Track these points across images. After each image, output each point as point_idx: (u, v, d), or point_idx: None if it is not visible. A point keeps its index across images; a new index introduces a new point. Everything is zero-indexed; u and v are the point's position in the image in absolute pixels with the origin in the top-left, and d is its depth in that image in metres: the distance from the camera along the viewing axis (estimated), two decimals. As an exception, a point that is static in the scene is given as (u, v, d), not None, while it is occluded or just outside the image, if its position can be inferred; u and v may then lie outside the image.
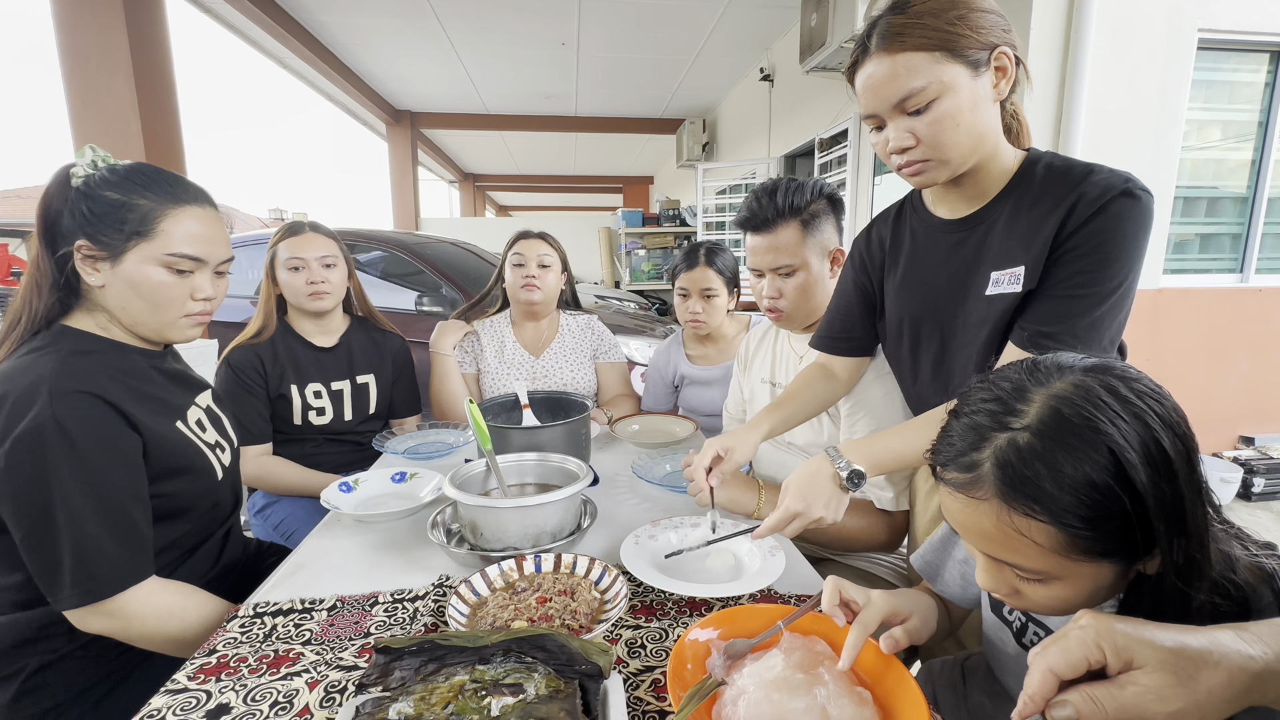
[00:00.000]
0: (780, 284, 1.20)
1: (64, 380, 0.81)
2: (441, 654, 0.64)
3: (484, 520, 0.93)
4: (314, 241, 1.55)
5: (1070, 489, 0.47)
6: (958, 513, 0.55)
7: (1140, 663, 0.39)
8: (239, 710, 0.64)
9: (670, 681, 0.61)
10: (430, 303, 3.64)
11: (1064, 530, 0.48)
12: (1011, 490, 0.49)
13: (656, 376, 1.92)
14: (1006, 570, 0.54)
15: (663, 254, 7.33)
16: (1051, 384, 0.51)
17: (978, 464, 0.52)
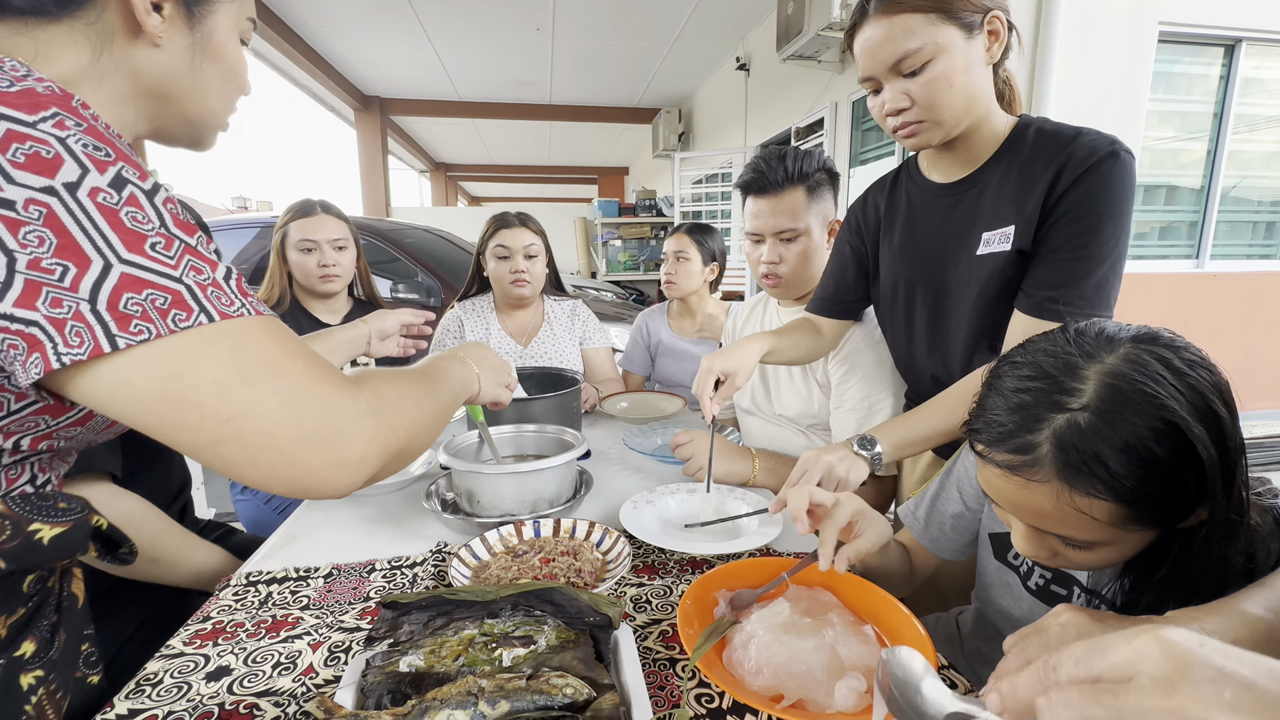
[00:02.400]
0: (781, 249, 1.21)
1: None
2: (449, 609, 0.63)
3: (481, 488, 0.92)
4: (326, 224, 1.55)
5: (1134, 466, 0.47)
6: (1009, 493, 0.54)
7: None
8: (240, 671, 0.62)
9: (681, 624, 0.62)
10: (406, 290, 3.58)
11: (1125, 506, 0.48)
12: (1074, 472, 0.49)
13: (637, 336, 1.96)
14: (1051, 539, 0.55)
15: (639, 244, 7.32)
16: (1103, 358, 0.51)
17: (1034, 445, 0.51)
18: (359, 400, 0.45)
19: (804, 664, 0.57)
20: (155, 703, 0.58)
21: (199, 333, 0.40)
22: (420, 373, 0.61)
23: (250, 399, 0.40)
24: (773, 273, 1.23)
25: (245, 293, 0.44)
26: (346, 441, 0.43)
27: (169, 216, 0.41)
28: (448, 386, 0.65)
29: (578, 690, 0.54)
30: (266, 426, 0.41)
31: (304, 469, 0.42)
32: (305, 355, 0.44)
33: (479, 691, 0.53)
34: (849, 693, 0.54)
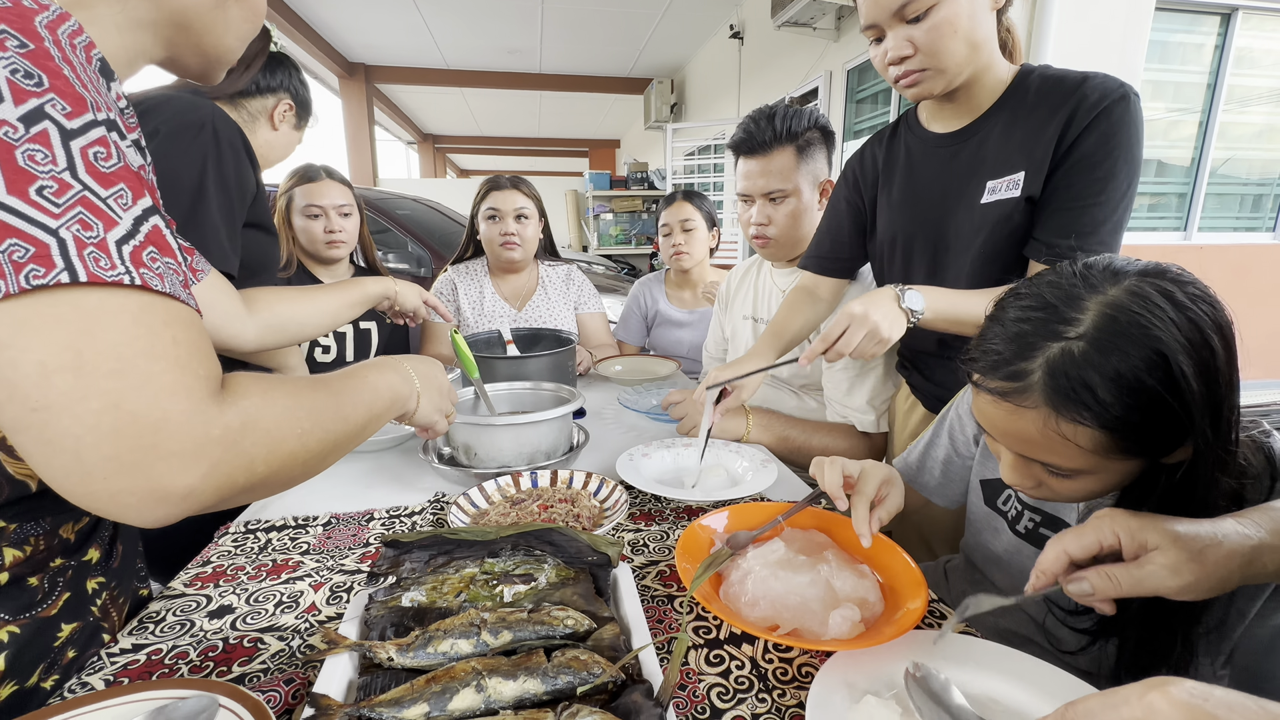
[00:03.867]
0: (770, 210, 1.20)
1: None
2: (450, 548, 0.64)
3: (478, 440, 0.93)
4: (331, 189, 1.53)
5: (1121, 395, 0.48)
6: (998, 420, 0.55)
7: (1154, 544, 0.43)
8: (242, 610, 0.63)
9: (679, 560, 0.63)
10: (396, 260, 3.54)
11: (1110, 434, 0.49)
12: (1062, 399, 0.50)
13: (634, 306, 1.95)
14: (1036, 467, 0.56)
15: (630, 218, 7.25)
16: (1106, 290, 0.51)
17: (1026, 373, 0.51)
18: (215, 424, 0.38)
19: (800, 596, 0.58)
20: (158, 638, 0.59)
21: (48, 298, 0.33)
22: (331, 389, 0.51)
23: (71, 393, 0.33)
24: (762, 234, 1.23)
25: (144, 262, 0.37)
26: (172, 471, 0.36)
27: (84, 162, 0.35)
28: (364, 406, 0.54)
29: (578, 622, 0.55)
30: (76, 429, 0.34)
31: (104, 489, 0.35)
32: (175, 359, 0.37)
33: (481, 623, 0.54)
34: (843, 621, 0.55)
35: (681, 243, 1.79)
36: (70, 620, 0.56)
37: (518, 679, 0.48)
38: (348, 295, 0.99)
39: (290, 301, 0.90)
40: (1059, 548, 0.47)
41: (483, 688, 0.47)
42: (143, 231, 0.38)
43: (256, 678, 0.54)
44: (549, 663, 0.50)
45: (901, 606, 0.58)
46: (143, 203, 0.38)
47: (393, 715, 0.46)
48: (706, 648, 0.57)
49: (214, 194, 0.91)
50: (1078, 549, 0.46)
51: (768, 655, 0.56)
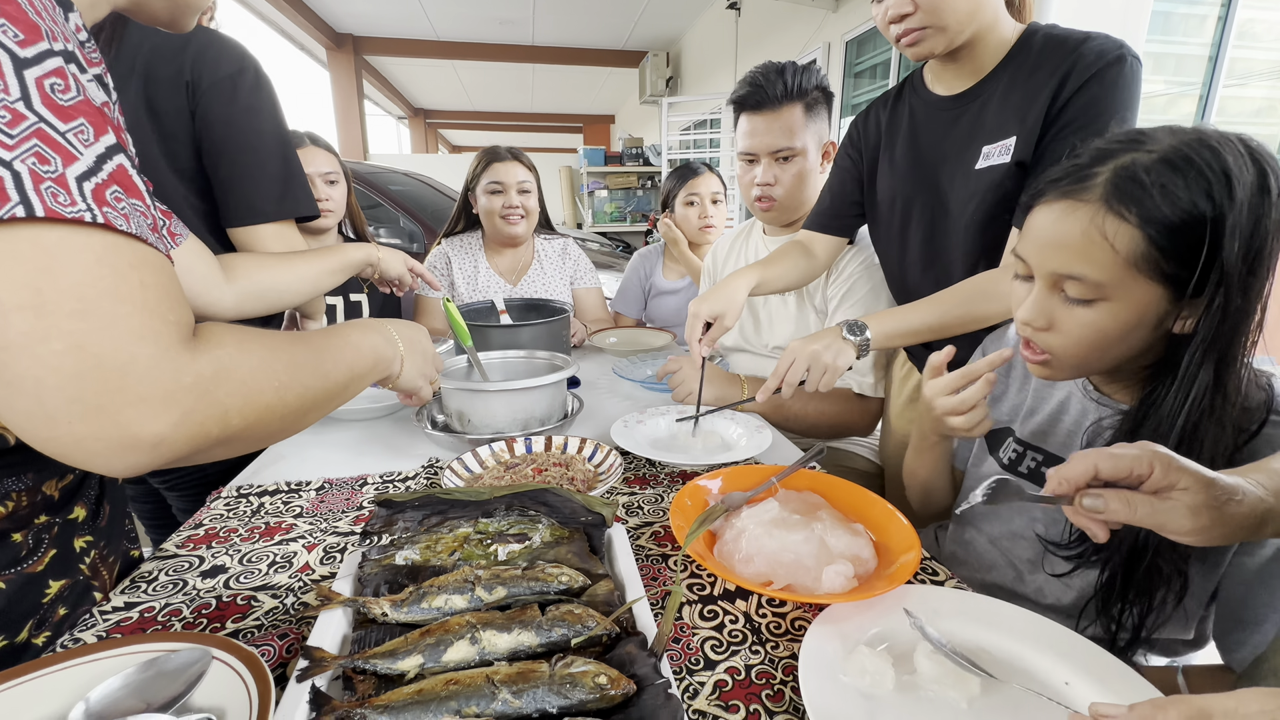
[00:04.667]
0: (777, 170, 1.18)
1: None
2: (444, 508, 0.64)
3: (472, 406, 0.92)
4: (315, 156, 1.48)
5: (1172, 201, 0.51)
6: (1047, 226, 0.58)
7: (1184, 485, 0.43)
8: (235, 570, 0.63)
9: (673, 517, 0.63)
10: (388, 235, 3.49)
11: (1147, 237, 0.52)
12: (1117, 192, 0.53)
13: (633, 277, 1.94)
14: (1056, 297, 0.59)
15: (625, 195, 7.16)
16: (1188, 134, 0.55)
17: (1094, 174, 0.55)
18: (186, 371, 0.36)
19: (794, 553, 0.58)
20: (151, 596, 0.58)
21: (4, 233, 0.32)
22: (311, 345, 0.50)
23: (33, 333, 0.32)
24: (766, 195, 1.20)
25: (108, 201, 0.35)
26: (141, 417, 0.34)
27: (40, 94, 0.33)
28: (345, 365, 0.53)
29: (573, 578, 0.55)
30: (37, 371, 0.32)
31: (69, 434, 0.33)
32: (143, 302, 0.35)
33: (476, 579, 0.54)
34: (836, 576, 0.56)
35: (711, 215, 1.78)
36: (58, 577, 0.56)
37: (512, 632, 0.48)
38: (328, 261, 0.96)
39: (270, 268, 0.87)
40: (1090, 461, 0.46)
41: (477, 640, 0.47)
42: (106, 170, 0.36)
43: (250, 633, 0.54)
44: (543, 616, 0.50)
45: (894, 563, 0.58)
46: (106, 139, 0.36)
47: (387, 667, 0.46)
48: (700, 603, 0.57)
49: (290, 141, 0.95)
50: (1109, 467, 0.45)
51: (761, 610, 0.56)
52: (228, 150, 0.90)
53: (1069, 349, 0.59)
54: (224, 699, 0.42)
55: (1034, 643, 0.49)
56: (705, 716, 0.44)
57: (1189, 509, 0.42)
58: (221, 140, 0.90)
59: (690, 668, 0.49)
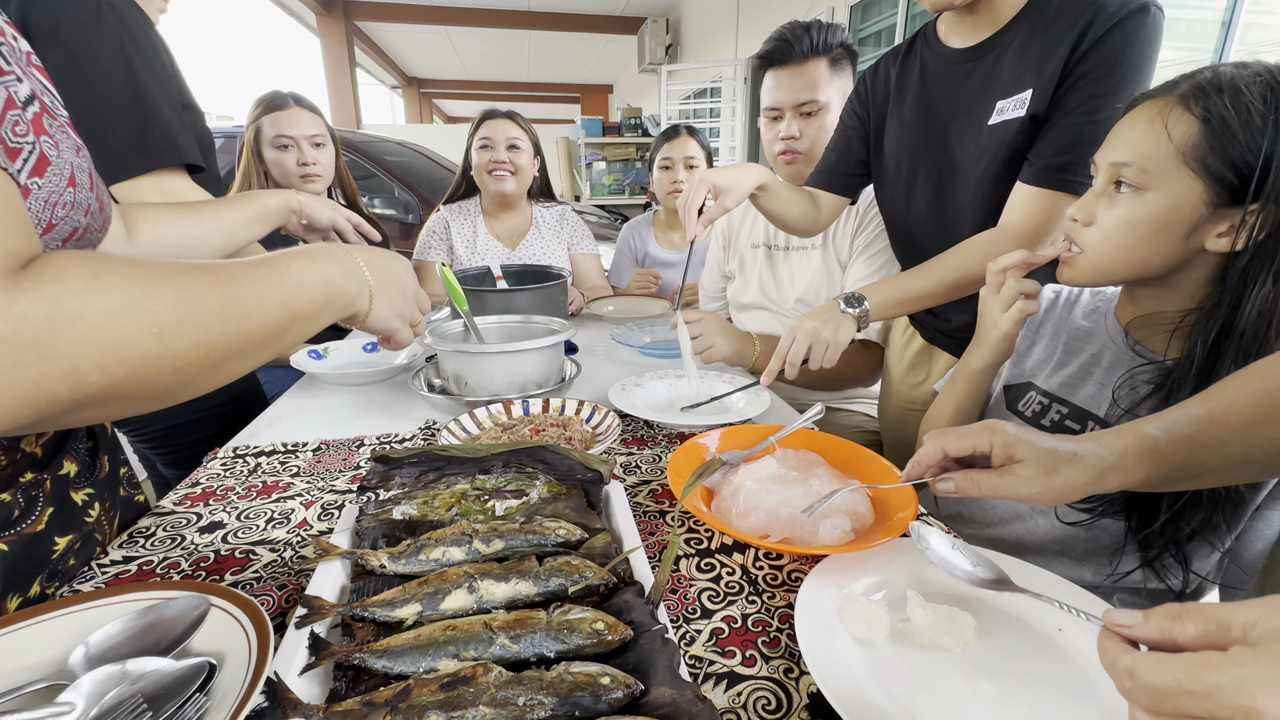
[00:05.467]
0: (801, 124, 1.19)
1: None
2: (441, 464, 0.64)
3: (468, 369, 0.92)
4: (301, 118, 1.45)
5: (1238, 104, 0.55)
6: (1123, 126, 0.62)
7: (1019, 457, 0.47)
8: (233, 526, 0.63)
9: (670, 473, 0.63)
10: (383, 205, 3.45)
11: (1202, 128, 0.56)
12: (1195, 90, 0.57)
13: (624, 249, 1.92)
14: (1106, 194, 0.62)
15: (623, 166, 7.06)
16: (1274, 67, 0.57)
17: (1187, 79, 0.59)
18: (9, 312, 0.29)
19: (791, 508, 0.58)
20: (149, 551, 0.58)
21: None
22: (223, 278, 0.40)
23: None
24: (791, 149, 1.20)
25: None
26: None
27: None
28: (279, 302, 0.43)
29: (570, 532, 0.55)
30: None
31: None
32: None
33: (473, 532, 0.54)
34: (833, 529, 0.56)
35: (683, 180, 1.74)
36: (63, 533, 0.56)
37: (509, 581, 0.48)
38: (240, 211, 0.84)
39: (172, 221, 0.77)
40: (938, 444, 0.51)
41: (475, 589, 0.48)
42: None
43: (249, 585, 0.54)
44: (540, 567, 0.50)
45: (891, 518, 0.58)
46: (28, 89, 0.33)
47: (385, 615, 0.46)
48: (697, 557, 0.57)
49: (148, 81, 0.84)
50: (955, 448, 0.50)
51: (758, 563, 0.56)
52: (73, 100, 0.84)
53: (1099, 243, 0.63)
54: (223, 645, 0.43)
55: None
56: (702, 661, 0.45)
57: (1022, 480, 0.46)
58: (65, 91, 0.84)
59: (687, 616, 0.49)
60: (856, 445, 0.71)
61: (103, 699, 0.38)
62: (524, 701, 0.38)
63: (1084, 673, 0.42)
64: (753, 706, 0.41)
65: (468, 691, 0.38)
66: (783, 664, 0.45)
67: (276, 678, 0.39)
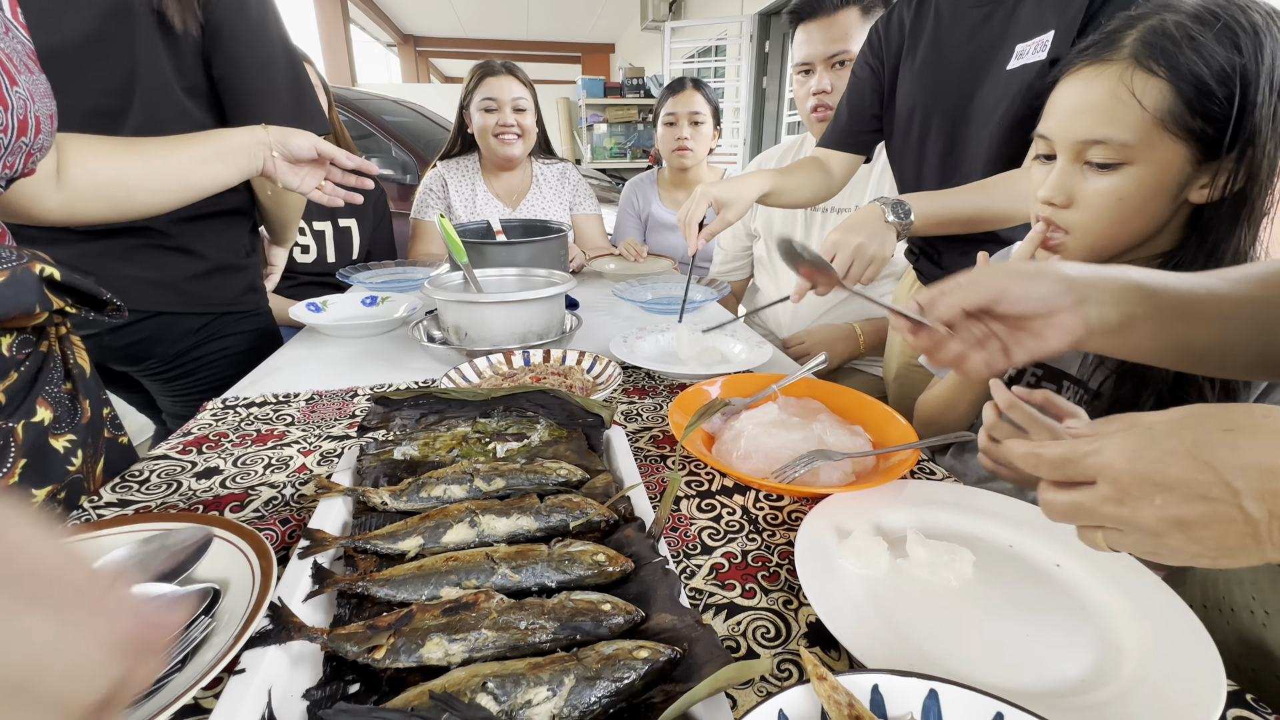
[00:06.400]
0: (833, 77, 1.16)
1: None
2: (441, 407, 0.63)
3: (468, 320, 0.91)
4: None
5: (1201, 53, 0.51)
6: (1072, 95, 0.58)
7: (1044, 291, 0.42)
8: (230, 471, 0.63)
9: (672, 415, 0.63)
10: (379, 165, 3.38)
11: (1176, 91, 0.52)
12: (1146, 49, 0.53)
13: (628, 209, 1.88)
14: (1078, 171, 0.58)
15: (625, 129, 6.90)
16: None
17: (1123, 36, 0.55)
18: None
19: (792, 451, 0.58)
20: (146, 495, 0.58)
21: None
22: None
23: None
24: (823, 103, 1.18)
25: None
26: None
27: None
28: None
29: (571, 472, 0.55)
30: None
31: None
32: None
33: (474, 471, 0.54)
34: (834, 470, 0.56)
35: (687, 137, 1.67)
36: (40, 484, 0.54)
37: (511, 516, 0.48)
38: (198, 147, 0.73)
39: (110, 155, 0.68)
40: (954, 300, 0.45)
41: (476, 523, 0.48)
42: None
43: (251, 521, 0.54)
44: (541, 504, 0.50)
45: (892, 461, 0.58)
46: None
47: (387, 547, 0.46)
48: (698, 498, 0.58)
49: (295, 49, 0.90)
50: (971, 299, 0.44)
51: (758, 504, 0.56)
52: (240, 65, 0.84)
53: (1088, 223, 0.59)
54: (227, 573, 0.43)
55: (1026, 529, 0.50)
56: (702, 594, 0.45)
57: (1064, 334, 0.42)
58: (232, 55, 0.83)
59: (687, 552, 0.50)
60: (858, 392, 0.70)
61: (107, 621, 0.38)
62: (525, 625, 0.38)
63: (1081, 604, 0.43)
64: (752, 635, 0.42)
65: (469, 616, 0.38)
66: (782, 596, 0.45)
67: (280, 602, 0.39)
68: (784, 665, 0.39)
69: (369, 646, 0.37)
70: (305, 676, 0.37)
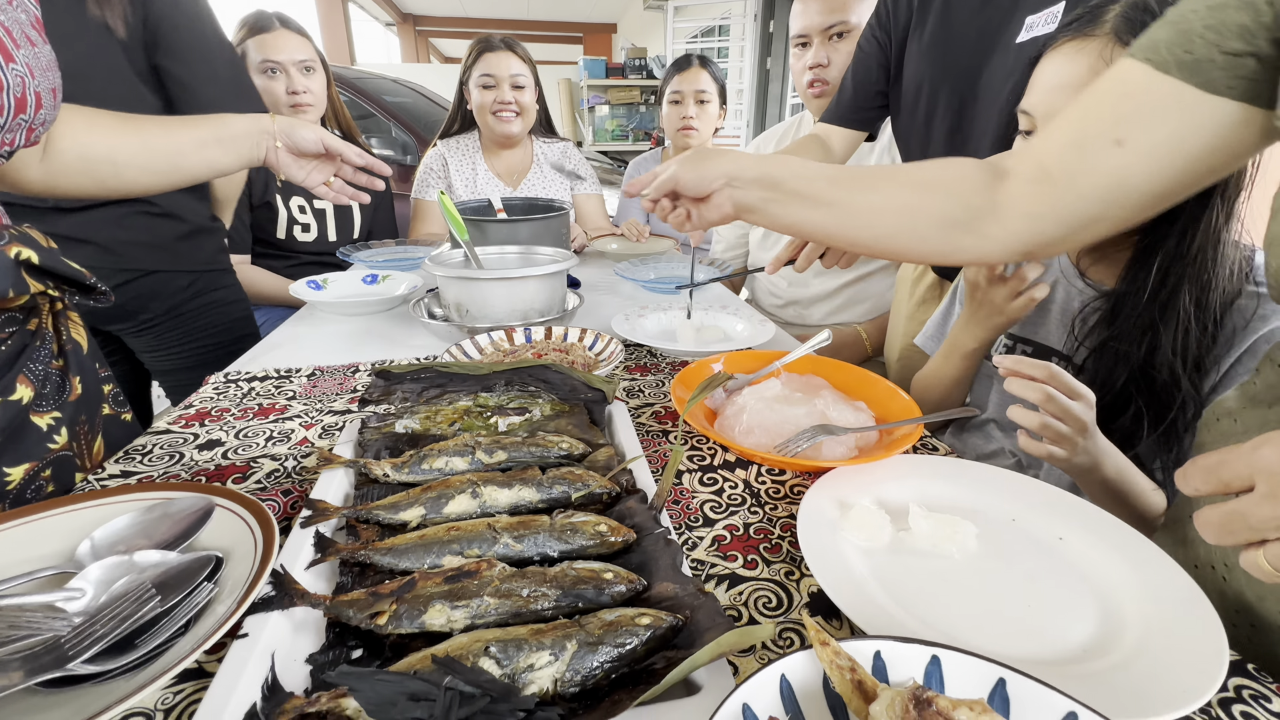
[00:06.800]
0: (829, 50, 1.14)
1: None
2: (443, 381, 0.63)
3: (469, 296, 0.90)
4: (288, 41, 1.38)
5: None
6: (1054, 71, 0.59)
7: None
8: (232, 444, 0.62)
9: (674, 389, 0.62)
10: (379, 146, 3.35)
11: None
12: (1127, 24, 0.54)
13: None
14: None
15: (627, 110, 6.83)
16: None
17: (1104, 11, 0.56)
18: None
19: (795, 426, 0.58)
20: (149, 467, 0.58)
21: None
22: None
23: None
24: (819, 77, 1.16)
25: None
26: None
27: None
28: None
29: (573, 445, 0.55)
30: None
31: None
32: None
33: (476, 444, 0.54)
34: (837, 445, 0.55)
35: (693, 116, 1.65)
36: (15, 462, 0.53)
37: (513, 488, 0.48)
38: (195, 131, 0.70)
39: (104, 129, 0.66)
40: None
41: (478, 494, 0.48)
42: None
43: (252, 493, 0.54)
44: (544, 476, 0.50)
45: (894, 436, 0.58)
46: None
47: (389, 517, 0.46)
48: (700, 472, 0.57)
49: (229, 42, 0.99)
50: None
51: (760, 478, 0.56)
52: (181, 54, 0.92)
53: None
54: (229, 542, 0.43)
55: (1028, 503, 0.50)
56: (704, 565, 0.45)
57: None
58: (174, 45, 0.91)
59: (689, 525, 0.50)
60: (861, 369, 0.70)
61: (111, 586, 0.38)
62: (527, 593, 0.38)
63: (1084, 576, 0.43)
64: (754, 604, 0.42)
65: (472, 584, 0.38)
66: (784, 567, 0.45)
67: (283, 569, 0.39)
68: (786, 634, 0.39)
69: (371, 612, 0.37)
70: (308, 642, 0.37)
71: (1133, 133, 0.40)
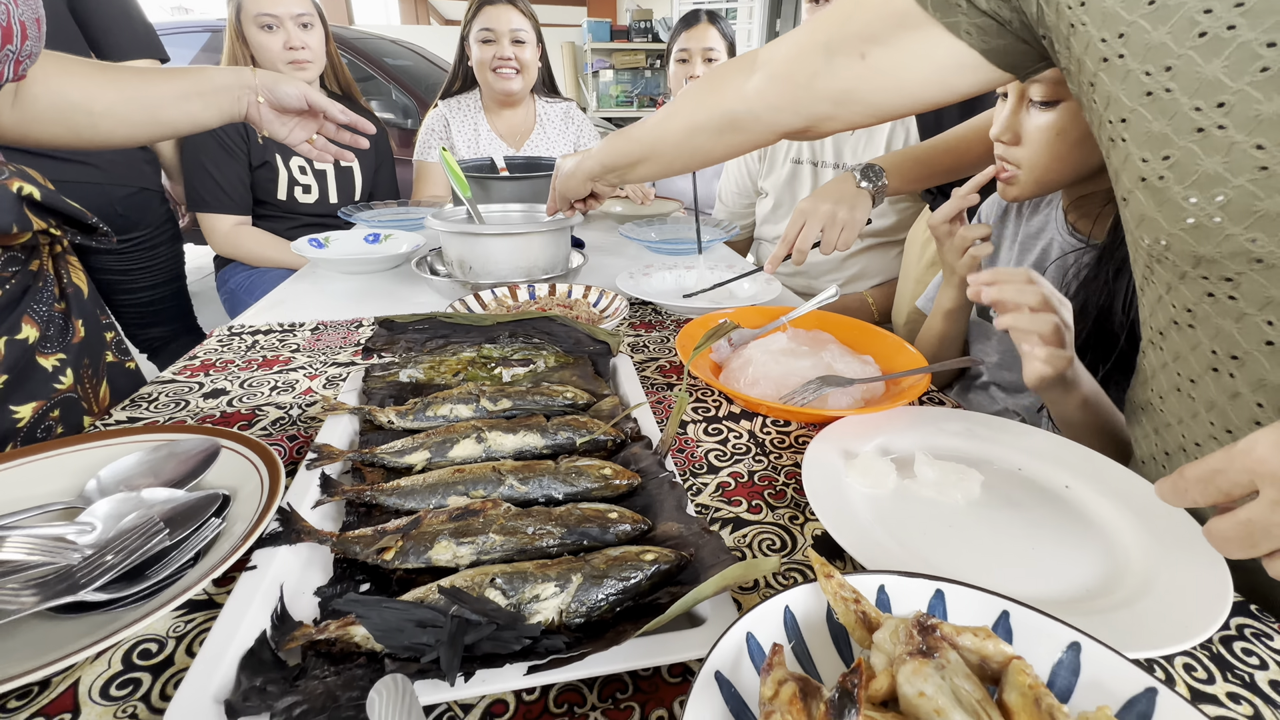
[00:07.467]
0: None
1: None
2: (446, 332, 0.63)
3: (472, 253, 0.89)
4: None
5: None
6: None
7: None
8: (237, 393, 0.62)
9: (679, 341, 0.62)
10: (380, 109, 3.28)
11: None
12: None
13: None
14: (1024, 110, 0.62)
15: (632, 76, 6.67)
16: None
17: None
18: None
19: (800, 378, 0.57)
20: (155, 413, 0.58)
21: None
22: None
23: None
24: None
25: None
26: None
27: None
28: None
29: (578, 394, 0.55)
30: None
31: None
32: None
33: (481, 392, 0.54)
34: (842, 395, 0.55)
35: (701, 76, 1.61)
36: (24, 400, 0.53)
37: (518, 434, 0.48)
38: (176, 83, 0.68)
39: (81, 77, 0.63)
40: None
41: (483, 439, 0.48)
42: None
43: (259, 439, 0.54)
44: (549, 422, 0.50)
45: (902, 386, 0.57)
46: None
47: (394, 461, 0.46)
48: (705, 422, 0.57)
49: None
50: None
51: (765, 429, 0.56)
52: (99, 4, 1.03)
53: (1033, 158, 0.62)
54: (235, 482, 0.43)
55: (1034, 453, 0.50)
56: (708, 509, 0.45)
57: None
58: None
59: (694, 472, 0.50)
60: (868, 324, 0.69)
61: (120, 521, 0.38)
62: (533, 531, 0.38)
63: (1089, 521, 0.43)
64: (758, 546, 0.42)
65: (477, 522, 0.39)
66: (788, 512, 0.45)
67: (289, 506, 0.39)
68: (790, 573, 0.39)
69: (378, 548, 0.37)
70: (316, 577, 0.37)
71: (876, 50, 0.46)
